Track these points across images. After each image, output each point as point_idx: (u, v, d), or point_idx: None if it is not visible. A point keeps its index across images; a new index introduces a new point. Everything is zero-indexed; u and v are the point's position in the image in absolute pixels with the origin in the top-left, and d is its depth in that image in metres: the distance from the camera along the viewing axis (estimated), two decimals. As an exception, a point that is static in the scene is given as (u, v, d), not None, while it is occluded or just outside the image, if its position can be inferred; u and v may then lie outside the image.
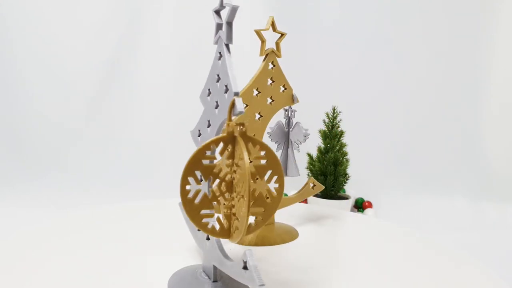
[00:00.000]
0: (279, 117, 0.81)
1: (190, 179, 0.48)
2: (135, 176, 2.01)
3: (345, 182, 1.64)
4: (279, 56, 0.80)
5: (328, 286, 0.61)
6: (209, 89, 0.57)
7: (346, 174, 1.62)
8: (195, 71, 2.12)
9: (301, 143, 0.82)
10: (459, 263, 0.73)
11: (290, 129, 0.81)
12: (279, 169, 0.50)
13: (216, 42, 0.55)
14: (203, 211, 0.49)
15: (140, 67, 2.14)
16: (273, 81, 0.77)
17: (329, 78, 2.05)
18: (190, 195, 0.49)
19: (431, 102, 2.08)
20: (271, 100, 0.76)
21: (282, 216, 0.86)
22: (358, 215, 1.02)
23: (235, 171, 0.49)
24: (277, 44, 0.80)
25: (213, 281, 0.54)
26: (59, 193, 1.85)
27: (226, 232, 0.50)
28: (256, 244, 0.74)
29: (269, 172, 0.50)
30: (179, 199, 0.50)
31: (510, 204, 1.94)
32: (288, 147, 0.81)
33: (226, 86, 0.52)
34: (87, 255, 0.68)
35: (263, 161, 0.50)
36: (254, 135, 0.74)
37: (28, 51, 2.09)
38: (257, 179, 0.49)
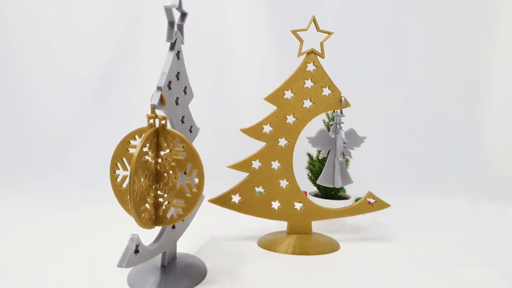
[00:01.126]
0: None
1: (119, 165, 0.54)
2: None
3: (345, 182, 1.64)
4: (322, 57, 0.77)
5: (328, 286, 0.61)
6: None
7: (346, 174, 1.62)
8: (194, 71, 2.12)
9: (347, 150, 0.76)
10: (459, 263, 0.73)
11: (337, 135, 0.76)
12: (199, 163, 0.52)
13: (174, 41, 0.59)
14: (143, 207, 0.51)
15: (140, 67, 2.14)
16: (313, 83, 0.74)
17: (331, 77, 2.05)
18: (118, 179, 0.55)
19: (431, 102, 2.08)
20: (311, 103, 0.73)
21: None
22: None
23: (158, 164, 0.52)
24: (321, 44, 0.78)
25: (162, 266, 0.61)
26: (59, 193, 1.85)
27: (151, 223, 0.54)
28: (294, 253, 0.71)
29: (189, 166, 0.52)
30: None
31: (510, 204, 1.94)
32: (334, 155, 0.76)
33: (185, 85, 0.61)
34: (87, 255, 0.68)
35: (182, 155, 0.52)
36: (284, 137, 0.72)
37: (27, 51, 2.09)
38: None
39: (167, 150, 0.51)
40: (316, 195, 1.70)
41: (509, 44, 2.02)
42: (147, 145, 0.51)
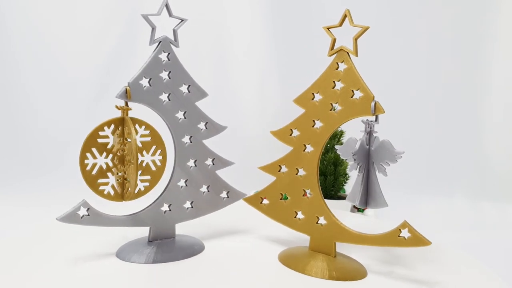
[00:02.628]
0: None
1: (88, 155, 0.62)
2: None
3: (345, 182, 1.64)
4: (355, 55, 0.66)
5: (328, 286, 0.61)
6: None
7: (346, 174, 1.62)
8: (194, 71, 2.12)
9: (389, 165, 0.61)
10: (459, 263, 0.73)
11: (371, 147, 0.62)
12: (162, 144, 0.69)
13: (158, 43, 0.69)
14: (100, 180, 0.64)
15: (140, 68, 2.14)
16: (343, 85, 0.65)
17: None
18: (88, 168, 0.62)
19: (431, 102, 2.08)
20: (339, 108, 0.64)
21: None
22: (358, 215, 1.02)
23: (125, 146, 0.64)
24: (355, 40, 0.66)
25: (149, 241, 0.68)
26: (59, 193, 1.85)
27: (119, 197, 0.66)
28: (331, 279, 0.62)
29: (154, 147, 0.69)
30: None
31: (510, 204, 1.94)
32: (369, 170, 0.62)
33: (183, 82, 0.70)
34: (86, 255, 0.68)
35: (148, 139, 0.68)
36: (310, 144, 0.67)
37: (27, 51, 2.09)
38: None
39: (136, 136, 0.63)
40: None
41: (510, 45, 2.02)
42: (108, 129, 0.63)
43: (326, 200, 0.72)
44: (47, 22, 2.09)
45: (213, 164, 0.71)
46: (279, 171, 0.70)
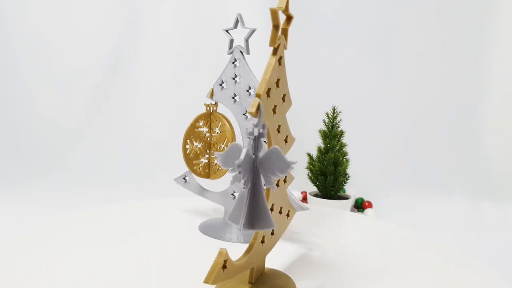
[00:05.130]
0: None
1: (188, 141, 0.77)
2: (136, 176, 2.02)
3: (345, 182, 1.64)
4: (285, 48, 0.55)
5: (328, 286, 0.61)
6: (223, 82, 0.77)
7: (346, 174, 1.62)
8: (194, 71, 2.12)
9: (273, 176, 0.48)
10: (459, 263, 0.73)
11: (258, 156, 0.48)
12: (232, 139, 0.78)
13: (230, 53, 0.77)
14: (195, 161, 0.80)
15: (140, 68, 2.14)
16: (277, 86, 0.53)
17: (329, 78, 2.05)
18: (188, 151, 0.79)
19: (432, 102, 2.08)
20: (273, 112, 0.54)
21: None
22: (358, 215, 1.02)
23: (213, 135, 0.79)
24: (285, 30, 0.54)
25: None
26: (59, 193, 1.85)
27: (206, 175, 0.81)
28: None
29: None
30: (181, 198, 0.51)
31: (510, 204, 1.94)
32: (255, 183, 0.48)
33: (249, 86, 0.75)
34: (86, 255, 0.68)
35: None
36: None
37: (28, 51, 2.09)
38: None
39: (217, 128, 0.78)
40: (316, 195, 1.70)
41: (510, 45, 2.02)
42: (201, 122, 0.80)
43: (326, 200, 0.70)
44: (47, 22, 2.09)
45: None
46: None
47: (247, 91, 0.75)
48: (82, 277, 0.60)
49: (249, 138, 0.47)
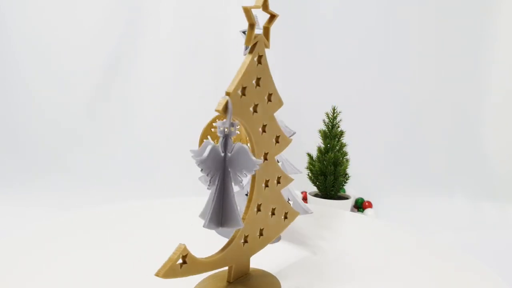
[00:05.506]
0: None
1: (205, 140, 0.56)
2: (136, 176, 2.02)
3: (345, 182, 1.64)
4: (267, 47, 0.54)
5: (328, 286, 0.61)
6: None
7: (346, 174, 1.62)
8: (194, 72, 2.12)
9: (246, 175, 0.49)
10: (459, 263, 0.73)
11: (228, 153, 0.48)
12: (243, 140, 0.72)
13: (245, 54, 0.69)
14: None
15: (140, 68, 2.14)
16: (258, 85, 0.53)
17: (329, 78, 2.06)
18: None
19: (432, 102, 2.08)
20: (253, 111, 0.53)
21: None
22: (358, 215, 1.02)
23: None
24: (267, 29, 0.54)
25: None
26: (59, 193, 1.85)
27: None
28: None
29: None
30: (181, 198, 0.51)
31: (510, 204, 1.94)
32: (224, 182, 0.49)
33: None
34: (86, 255, 0.68)
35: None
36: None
37: (28, 52, 2.09)
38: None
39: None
40: (316, 195, 1.70)
41: (510, 45, 2.02)
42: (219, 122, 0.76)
43: (326, 200, 0.70)
44: (47, 22, 2.09)
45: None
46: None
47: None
48: (82, 277, 0.60)
49: (219, 136, 0.47)
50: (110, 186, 1.93)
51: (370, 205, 1.82)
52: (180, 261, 0.47)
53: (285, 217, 0.62)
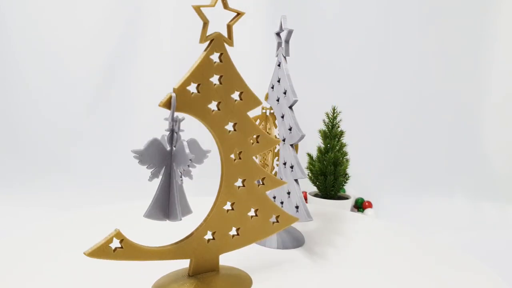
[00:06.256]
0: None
1: None
2: (136, 176, 2.01)
3: (345, 182, 1.64)
4: (230, 45, 0.55)
5: (328, 286, 0.61)
6: (272, 86, 0.78)
7: (346, 174, 1.62)
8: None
9: (185, 171, 0.50)
10: (459, 263, 0.73)
11: (174, 147, 0.51)
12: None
13: (276, 55, 0.76)
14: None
15: (140, 68, 2.14)
16: (220, 82, 0.54)
17: (329, 78, 2.06)
18: None
19: (432, 102, 2.08)
20: (216, 109, 0.54)
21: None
22: (358, 215, 1.02)
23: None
24: (229, 27, 0.55)
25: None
26: (59, 193, 1.85)
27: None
28: None
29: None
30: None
31: (510, 204, 1.94)
32: (170, 176, 0.52)
33: (284, 88, 0.74)
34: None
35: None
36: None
37: (28, 51, 2.09)
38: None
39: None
40: (316, 195, 1.70)
41: (510, 45, 2.02)
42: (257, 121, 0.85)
43: (326, 200, 0.70)
44: (48, 21, 2.09)
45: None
46: None
47: (284, 93, 0.74)
48: (82, 277, 0.60)
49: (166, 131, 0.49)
50: (110, 186, 1.93)
51: (370, 205, 1.82)
52: (118, 245, 0.49)
53: (277, 221, 0.62)
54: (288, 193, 0.72)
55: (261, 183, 0.60)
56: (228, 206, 0.58)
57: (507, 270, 1.01)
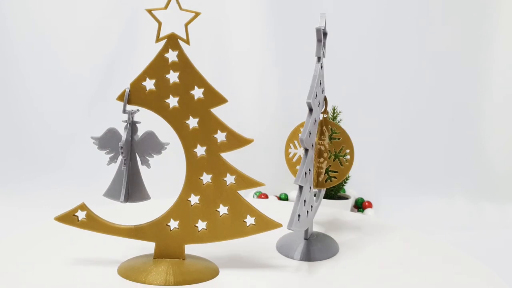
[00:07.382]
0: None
1: (291, 145, 0.76)
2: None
3: (345, 182, 1.64)
4: (187, 43, 0.58)
5: (328, 286, 0.61)
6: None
7: (346, 174, 1.61)
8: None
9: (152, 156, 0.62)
10: (459, 263, 0.73)
11: (135, 138, 0.62)
12: (350, 145, 0.81)
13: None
14: (298, 167, 0.74)
15: (140, 68, 2.14)
16: (179, 80, 0.58)
17: (329, 78, 2.05)
18: (290, 155, 0.76)
19: (431, 102, 2.08)
20: (176, 105, 0.59)
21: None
22: (358, 215, 1.02)
23: (323, 142, 0.76)
24: (185, 27, 0.58)
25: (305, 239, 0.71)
26: (59, 193, 1.85)
27: (313, 183, 0.73)
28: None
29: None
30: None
31: (510, 204, 1.94)
32: (132, 161, 0.63)
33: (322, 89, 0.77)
34: (86, 255, 0.67)
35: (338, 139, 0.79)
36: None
37: (27, 50, 2.09)
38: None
39: (327, 136, 0.77)
40: (314, 195, 1.70)
41: (510, 44, 2.02)
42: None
43: (326, 200, 0.71)
44: (48, 21, 2.08)
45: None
46: None
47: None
48: (82, 277, 0.60)
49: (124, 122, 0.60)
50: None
51: (370, 205, 1.82)
52: (83, 217, 0.61)
53: (254, 224, 0.61)
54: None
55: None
56: (195, 200, 0.61)
57: (507, 270, 1.01)
